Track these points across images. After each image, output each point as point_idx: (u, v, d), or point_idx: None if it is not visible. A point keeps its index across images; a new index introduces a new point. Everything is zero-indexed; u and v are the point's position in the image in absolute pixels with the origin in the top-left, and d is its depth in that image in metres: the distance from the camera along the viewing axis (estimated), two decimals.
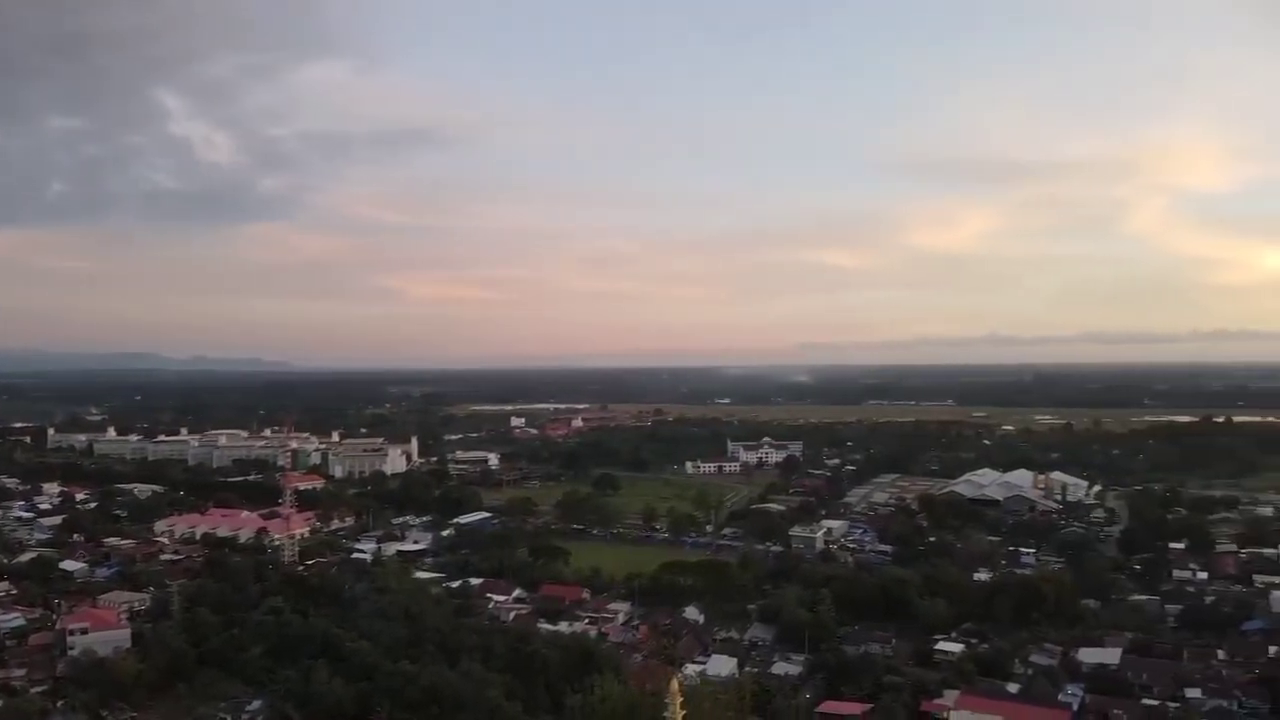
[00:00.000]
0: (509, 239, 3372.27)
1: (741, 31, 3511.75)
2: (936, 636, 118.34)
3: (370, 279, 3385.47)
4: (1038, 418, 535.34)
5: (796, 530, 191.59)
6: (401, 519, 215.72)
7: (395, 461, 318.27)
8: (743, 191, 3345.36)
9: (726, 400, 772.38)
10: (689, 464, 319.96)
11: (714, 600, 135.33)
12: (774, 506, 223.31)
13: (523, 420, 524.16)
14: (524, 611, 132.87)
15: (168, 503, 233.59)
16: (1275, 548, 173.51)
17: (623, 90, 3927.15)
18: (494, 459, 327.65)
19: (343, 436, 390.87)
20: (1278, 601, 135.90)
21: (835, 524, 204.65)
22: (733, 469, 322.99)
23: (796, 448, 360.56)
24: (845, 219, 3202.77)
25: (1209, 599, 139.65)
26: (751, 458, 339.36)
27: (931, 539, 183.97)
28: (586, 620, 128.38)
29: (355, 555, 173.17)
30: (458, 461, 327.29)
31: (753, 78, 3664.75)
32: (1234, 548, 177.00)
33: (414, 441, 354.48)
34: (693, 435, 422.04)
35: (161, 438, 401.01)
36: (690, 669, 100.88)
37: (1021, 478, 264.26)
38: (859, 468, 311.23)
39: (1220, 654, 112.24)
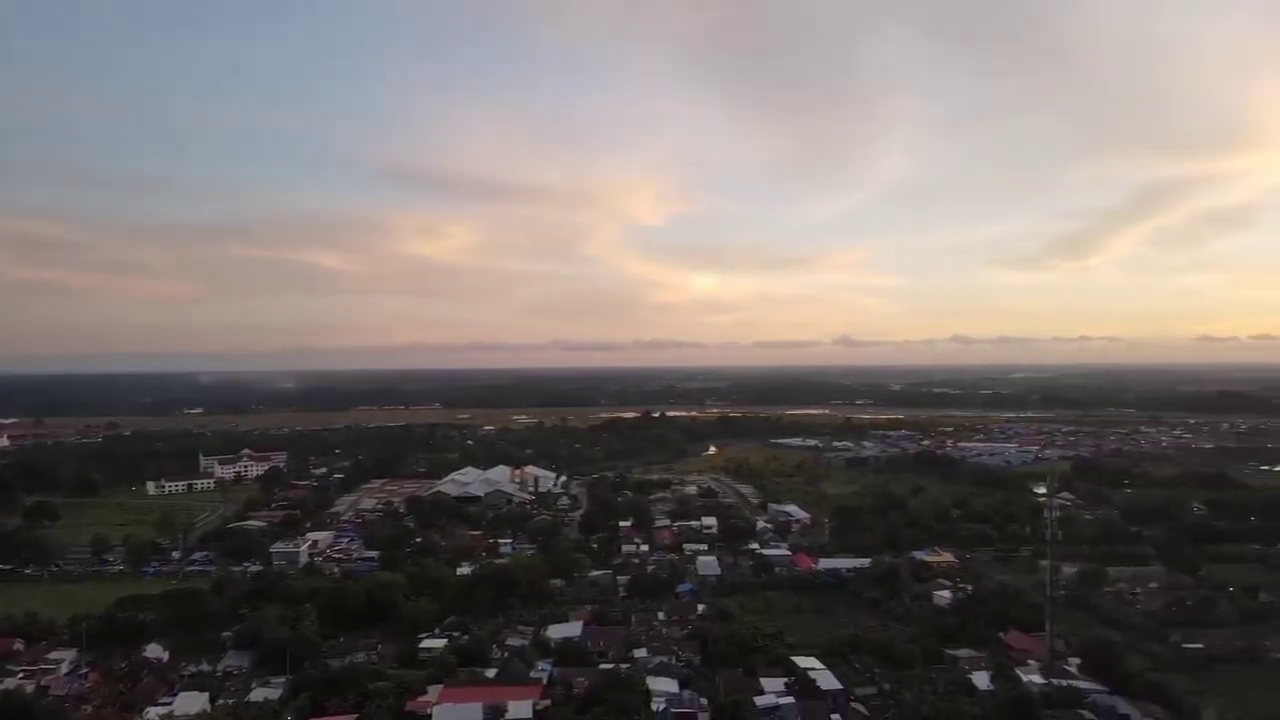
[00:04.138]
0: None
1: (229, 22, 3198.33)
2: (422, 635, 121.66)
3: None
4: (515, 417, 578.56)
5: (279, 546, 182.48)
6: None
7: None
8: (221, 183, 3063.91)
9: (199, 409, 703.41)
10: (151, 484, 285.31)
11: (182, 633, 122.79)
12: (254, 523, 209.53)
13: None
14: None
15: None
16: (699, 520, 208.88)
17: (73, 58, 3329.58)
18: None
19: None
20: (703, 566, 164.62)
21: (322, 535, 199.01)
22: (206, 485, 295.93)
23: (281, 458, 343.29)
24: (334, 221, 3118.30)
25: (650, 568, 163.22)
26: (229, 472, 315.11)
27: (418, 540, 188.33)
28: (21, 674, 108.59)
29: None
30: None
31: (236, 69, 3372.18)
32: (669, 522, 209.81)
33: None
34: (157, 450, 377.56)
35: None
36: (153, 712, 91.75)
37: (500, 473, 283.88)
38: (347, 475, 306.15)
39: (661, 615, 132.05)
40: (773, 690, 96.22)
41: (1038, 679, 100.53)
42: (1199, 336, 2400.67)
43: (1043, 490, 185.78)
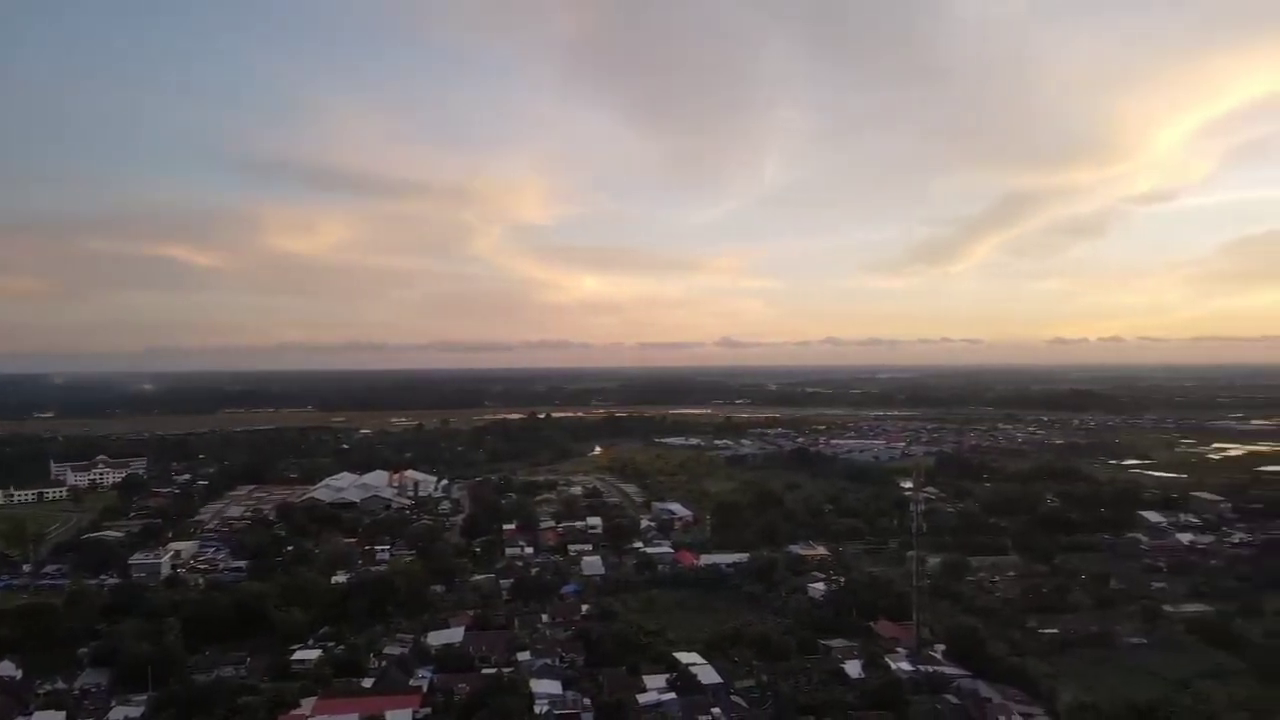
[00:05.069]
0: None
1: (89, 3, 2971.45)
2: (294, 646, 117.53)
3: None
4: (394, 420, 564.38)
5: (138, 557, 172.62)
6: None
7: None
8: (76, 172, 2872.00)
9: (50, 413, 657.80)
10: None
11: (36, 649, 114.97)
12: (111, 534, 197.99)
13: None
14: None
15: None
16: (584, 520, 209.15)
17: None
18: None
19: None
20: (588, 566, 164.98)
21: (185, 545, 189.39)
22: (59, 494, 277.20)
23: (140, 464, 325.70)
24: (200, 214, 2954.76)
25: (535, 570, 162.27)
26: (83, 479, 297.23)
27: (290, 548, 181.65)
28: None
29: None
30: None
31: (95, 52, 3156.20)
32: (554, 523, 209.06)
33: None
34: (3, 456, 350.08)
35: None
36: None
37: (378, 478, 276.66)
38: (213, 481, 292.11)
39: (545, 617, 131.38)
40: (655, 687, 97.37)
41: (906, 665, 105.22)
42: (1052, 339, 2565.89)
43: (909, 485, 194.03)
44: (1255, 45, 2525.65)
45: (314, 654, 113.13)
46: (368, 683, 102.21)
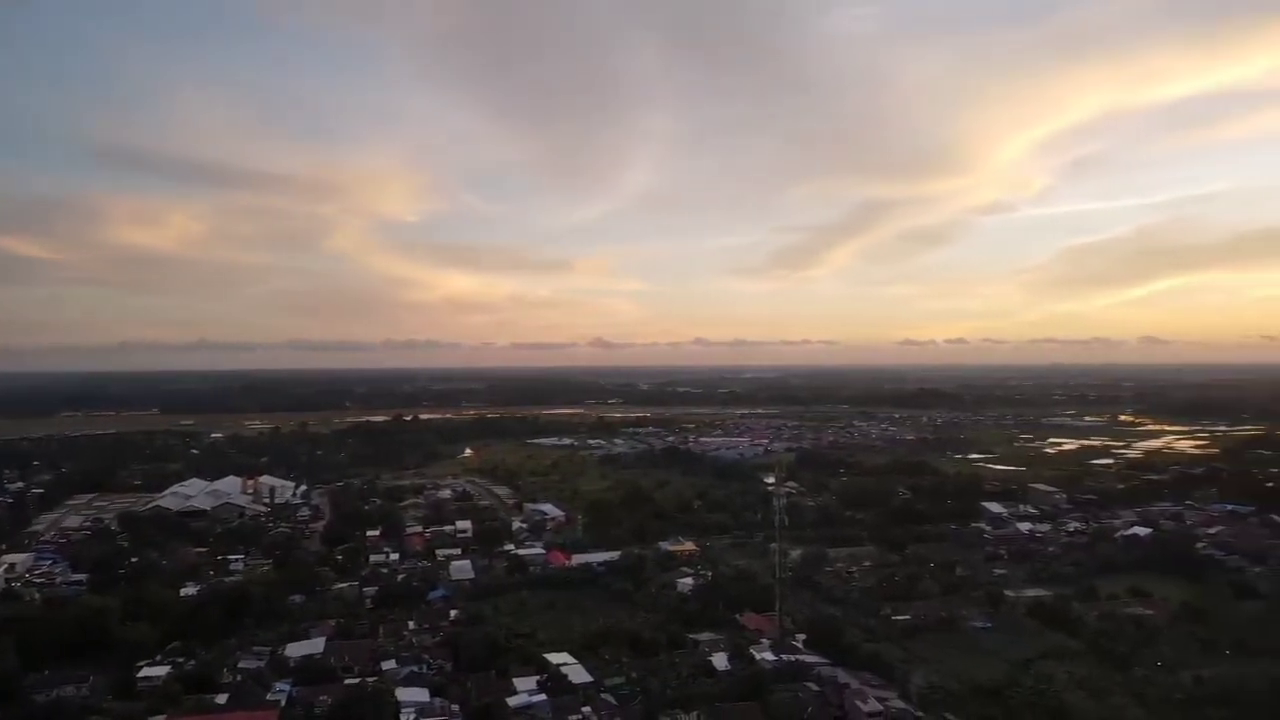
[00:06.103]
0: None
1: None
2: (141, 663, 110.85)
3: None
4: (248, 423, 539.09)
5: None
6: None
7: None
8: None
9: None
10: None
11: None
12: None
13: None
14: None
15: None
16: (453, 524, 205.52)
17: None
18: None
19: None
20: (456, 570, 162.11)
21: (19, 558, 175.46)
22: None
23: None
24: (30, 203, 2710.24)
25: (400, 577, 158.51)
26: None
27: (134, 560, 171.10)
28: None
29: None
30: None
31: None
32: (420, 528, 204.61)
33: None
34: None
35: None
36: None
37: (231, 484, 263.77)
38: (49, 490, 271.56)
39: (411, 625, 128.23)
40: (525, 689, 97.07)
41: (770, 656, 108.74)
42: (902, 341, 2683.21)
43: (771, 480, 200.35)
44: (1090, 67, 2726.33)
45: (162, 671, 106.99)
46: (222, 699, 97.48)
